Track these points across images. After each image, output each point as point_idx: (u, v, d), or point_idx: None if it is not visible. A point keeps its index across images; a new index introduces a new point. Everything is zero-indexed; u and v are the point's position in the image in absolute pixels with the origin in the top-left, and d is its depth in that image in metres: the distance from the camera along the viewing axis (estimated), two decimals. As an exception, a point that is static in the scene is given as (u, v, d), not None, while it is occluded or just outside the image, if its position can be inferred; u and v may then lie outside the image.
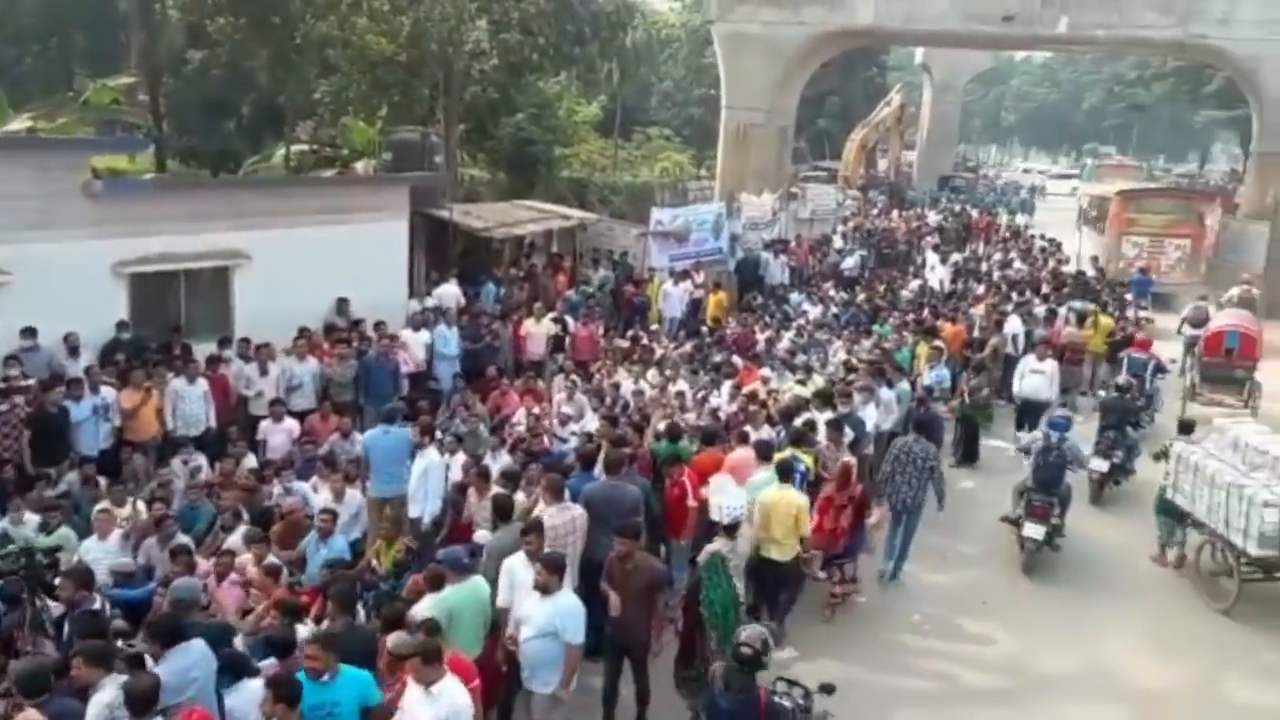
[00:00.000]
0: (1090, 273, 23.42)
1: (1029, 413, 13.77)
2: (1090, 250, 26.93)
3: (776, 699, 5.82)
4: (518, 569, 6.83)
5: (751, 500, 8.32)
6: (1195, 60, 41.56)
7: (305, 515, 8.58)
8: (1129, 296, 20.89)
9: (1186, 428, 11.21)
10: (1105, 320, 16.91)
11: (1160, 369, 14.81)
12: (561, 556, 6.80)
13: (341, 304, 13.83)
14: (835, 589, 9.18)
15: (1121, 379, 13.69)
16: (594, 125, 36.74)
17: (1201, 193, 33.38)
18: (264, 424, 11.03)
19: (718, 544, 7.49)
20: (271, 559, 7.59)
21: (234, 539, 8.13)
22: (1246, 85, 25.92)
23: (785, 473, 8.61)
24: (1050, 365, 14.03)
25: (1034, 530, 10.23)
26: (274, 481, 9.33)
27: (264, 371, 11.86)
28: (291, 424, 11.03)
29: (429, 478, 9.25)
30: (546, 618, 6.45)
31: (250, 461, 10.06)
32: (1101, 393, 14.39)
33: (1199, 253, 25.12)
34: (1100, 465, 12.01)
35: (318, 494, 9.22)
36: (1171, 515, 10.57)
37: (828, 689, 6.08)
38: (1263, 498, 9.27)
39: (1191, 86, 54.74)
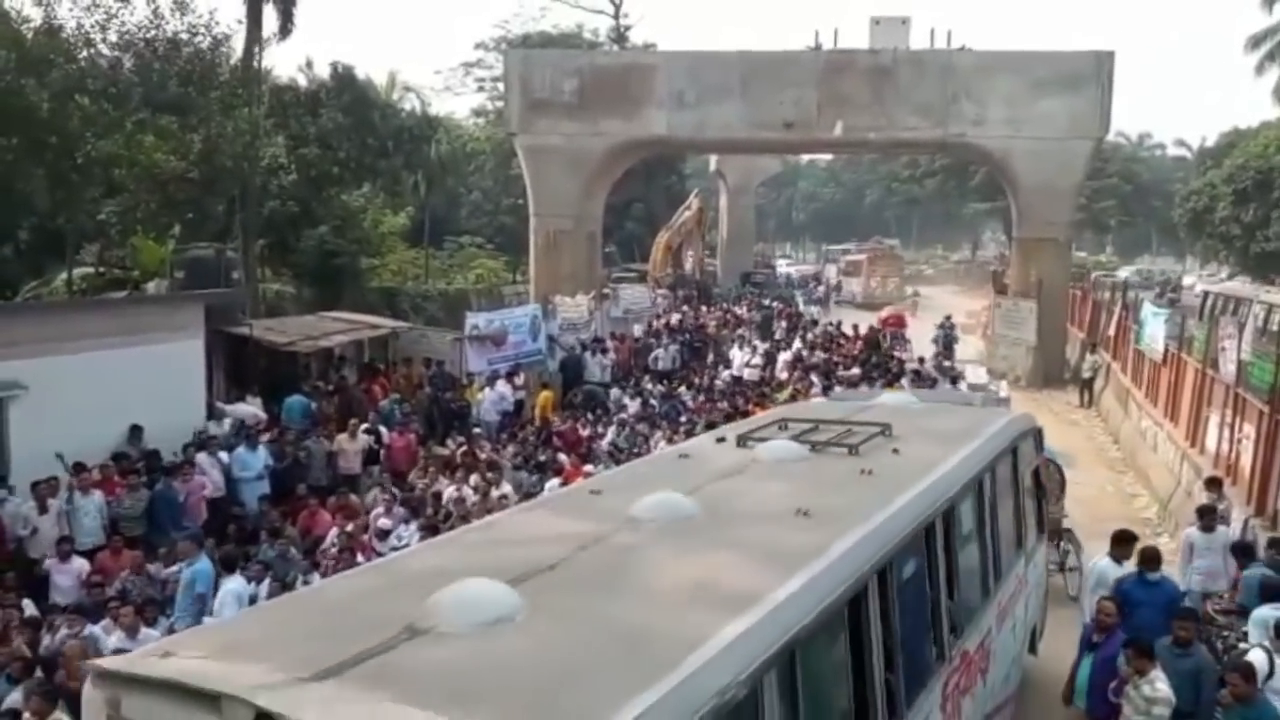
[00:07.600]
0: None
1: None
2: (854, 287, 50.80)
3: None
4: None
5: None
6: (958, 157, 46.14)
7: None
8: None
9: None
10: None
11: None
12: None
13: (135, 431, 12.94)
14: None
15: None
16: (402, 235, 36.62)
17: (896, 255, 58.10)
18: (48, 563, 10.09)
19: None
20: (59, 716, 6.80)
21: (15, 695, 7.26)
22: (1003, 177, 28.82)
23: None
24: None
25: None
26: (59, 626, 8.44)
27: (43, 509, 10.86)
28: (80, 563, 10.11)
29: (232, 609, 8.62)
30: None
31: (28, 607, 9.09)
32: None
33: (900, 283, 50.53)
34: None
35: (110, 636, 8.41)
36: None
37: None
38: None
39: (958, 181, 60.61)
